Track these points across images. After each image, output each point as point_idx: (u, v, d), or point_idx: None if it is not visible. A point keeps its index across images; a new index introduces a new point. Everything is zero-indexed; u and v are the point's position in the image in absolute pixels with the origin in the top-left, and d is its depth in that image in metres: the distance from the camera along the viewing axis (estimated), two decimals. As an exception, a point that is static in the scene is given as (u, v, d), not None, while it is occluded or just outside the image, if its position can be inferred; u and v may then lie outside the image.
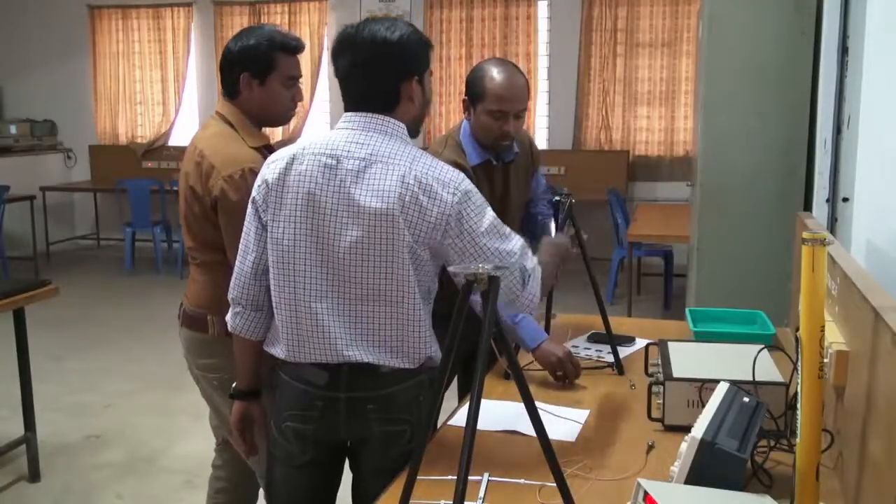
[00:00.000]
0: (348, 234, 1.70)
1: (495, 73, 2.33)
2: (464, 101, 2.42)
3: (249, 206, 1.82)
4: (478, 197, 1.75)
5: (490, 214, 1.75)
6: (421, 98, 1.81)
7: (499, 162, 2.46)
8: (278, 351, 1.84)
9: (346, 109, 1.80)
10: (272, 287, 1.81)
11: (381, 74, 1.75)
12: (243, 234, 1.84)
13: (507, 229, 1.77)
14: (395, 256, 1.70)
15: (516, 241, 1.77)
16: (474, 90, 2.36)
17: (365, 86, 1.76)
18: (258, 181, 1.81)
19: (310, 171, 1.73)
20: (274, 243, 1.77)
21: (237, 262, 1.86)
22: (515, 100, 2.33)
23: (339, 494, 1.98)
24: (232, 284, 1.87)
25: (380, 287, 1.72)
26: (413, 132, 1.82)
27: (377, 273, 1.71)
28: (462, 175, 1.75)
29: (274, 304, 1.82)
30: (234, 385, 2.01)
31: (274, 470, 1.93)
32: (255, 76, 2.15)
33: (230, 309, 1.90)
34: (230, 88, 2.20)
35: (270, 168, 1.79)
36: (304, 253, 1.74)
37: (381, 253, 1.70)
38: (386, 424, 1.80)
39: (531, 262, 1.79)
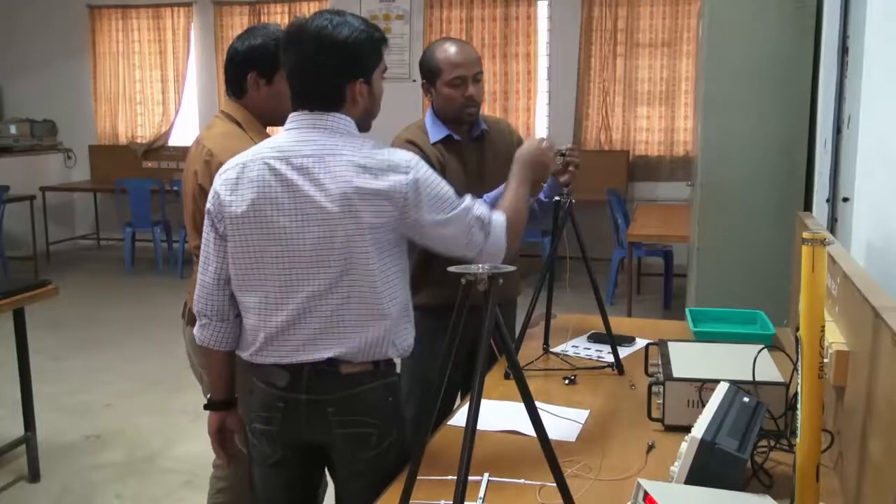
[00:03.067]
0: (310, 232, 1.69)
1: (445, 47, 2.48)
2: (423, 84, 2.53)
3: (206, 216, 1.82)
4: (430, 172, 1.76)
5: (443, 185, 1.77)
6: (367, 98, 1.78)
7: (465, 138, 2.53)
8: (244, 353, 1.84)
9: (293, 106, 1.79)
10: (237, 294, 1.81)
11: (325, 74, 1.73)
12: (203, 245, 1.83)
13: (455, 197, 1.79)
14: (356, 246, 1.69)
15: (465, 200, 1.79)
16: (430, 69, 2.48)
17: (308, 84, 1.75)
18: (211, 192, 1.80)
19: (261, 176, 1.72)
20: (238, 252, 1.76)
21: (199, 274, 1.85)
22: (470, 64, 2.46)
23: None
24: (196, 296, 1.86)
25: (342, 279, 1.70)
26: (362, 127, 1.80)
27: (339, 266, 1.70)
28: (411, 154, 1.77)
29: (241, 309, 1.82)
30: (208, 396, 2.01)
31: (253, 469, 1.94)
32: (263, 75, 2.17)
33: (197, 322, 1.89)
34: (236, 88, 2.22)
35: (222, 178, 1.78)
36: (270, 257, 1.73)
37: (342, 245, 1.69)
38: (346, 427, 1.77)
39: (485, 210, 1.82)
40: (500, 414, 1.99)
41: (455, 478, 1.31)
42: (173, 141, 8.86)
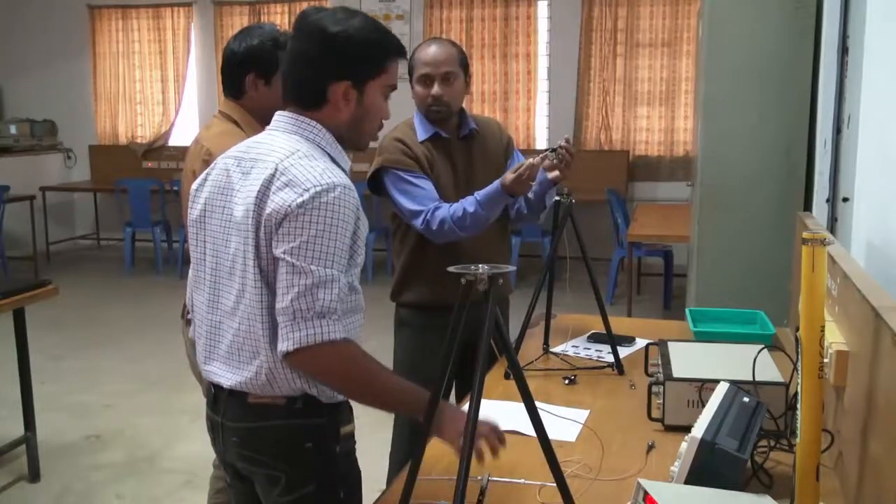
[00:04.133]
0: (230, 241, 1.56)
1: (423, 45, 2.52)
2: (409, 81, 2.54)
3: None
4: (335, 215, 1.47)
5: (335, 242, 1.46)
6: (354, 106, 1.58)
7: (454, 136, 2.54)
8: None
9: (282, 104, 1.64)
10: (192, 292, 1.71)
11: (311, 69, 1.57)
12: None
13: (330, 261, 1.46)
14: (248, 267, 1.52)
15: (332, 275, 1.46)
16: (409, 67, 2.49)
17: (293, 78, 1.60)
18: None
19: (214, 177, 1.63)
20: (192, 252, 1.68)
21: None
22: (435, 63, 2.45)
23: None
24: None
25: (240, 301, 1.55)
26: (351, 144, 1.63)
27: (238, 285, 1.55)
28: (332, 181, 1.48)
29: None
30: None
31: None
32: (261, 76, 2.17)
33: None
34: (234, 88, 2.22)
35: (198, 179, 1.69)
36: (206, 264, 1.63)
37: (243, 264, 1.53)
38: (249, 462, 1.62)
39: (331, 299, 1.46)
40: (500, 414, 1.97)
41: (455, 478, 1.31)
42: (173, 141, 8.86)
